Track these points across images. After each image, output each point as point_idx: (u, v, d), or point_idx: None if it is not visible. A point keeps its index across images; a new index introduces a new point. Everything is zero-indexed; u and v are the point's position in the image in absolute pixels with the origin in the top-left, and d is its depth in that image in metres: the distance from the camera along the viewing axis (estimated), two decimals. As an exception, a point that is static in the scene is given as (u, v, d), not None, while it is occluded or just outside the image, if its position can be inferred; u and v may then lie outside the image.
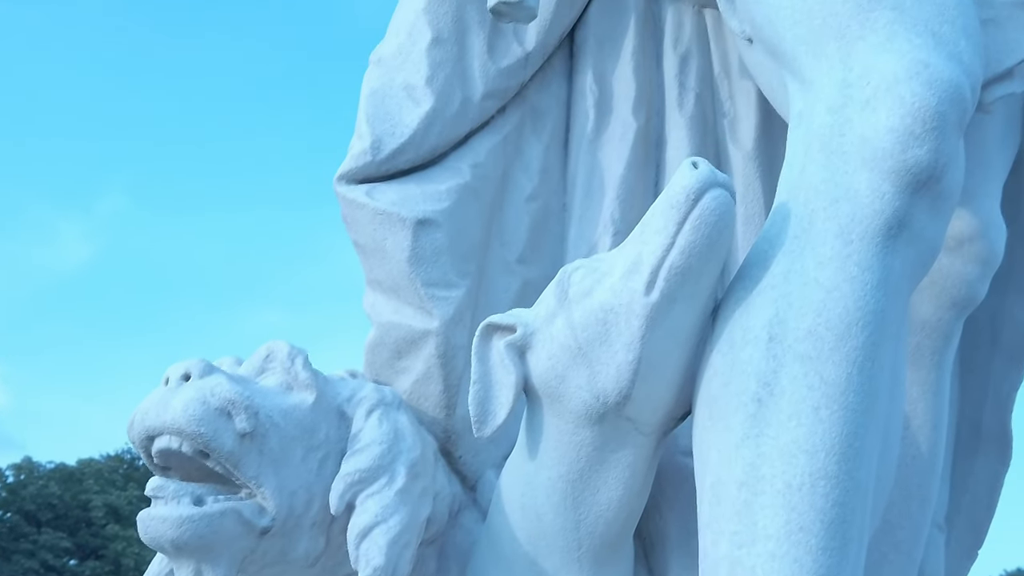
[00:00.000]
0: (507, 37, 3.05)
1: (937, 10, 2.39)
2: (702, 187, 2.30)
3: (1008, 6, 2.68)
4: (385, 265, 2.86)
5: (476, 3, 3.02)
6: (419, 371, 2.87)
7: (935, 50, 2.32)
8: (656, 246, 2.33)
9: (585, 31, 3.16)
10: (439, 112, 2.94)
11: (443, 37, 3.00)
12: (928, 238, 2.33)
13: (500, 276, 3.01)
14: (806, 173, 2.35)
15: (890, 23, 2.37)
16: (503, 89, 3.04)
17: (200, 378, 2.51)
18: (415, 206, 2.85)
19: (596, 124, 3.09)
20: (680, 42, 3.15)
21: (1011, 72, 2.68)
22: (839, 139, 2.32)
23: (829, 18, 2.42)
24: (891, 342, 2.29)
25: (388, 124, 2.91)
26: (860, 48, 2.36)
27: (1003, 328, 3.21)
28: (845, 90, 2.34)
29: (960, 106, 2.30)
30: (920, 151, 2.25)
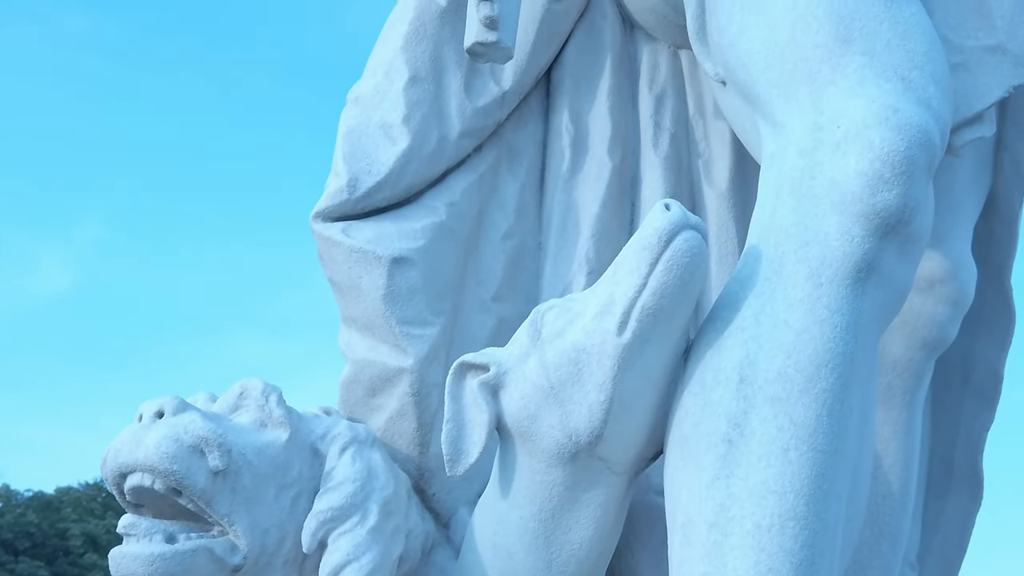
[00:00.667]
0: (484, 76, 3.08)
1: (907, 56, 2.42)
2: (674, 229, 2.33)
3: (978, 51, 2.72)
4: (360, 303, 2.88)
5: (453, 43, 3.05)
6: (393, 408, 2.88)
7: (905, 95, 2.36)
8: (628, 287, 2.35)
9: (562, 71, 3.19)
10: (416, 151, 2.97)
11: (420, 76, 3.02)
12: (897, 281, 2.36)
13: (475, 314, 3.03)
14: (777, 215, 2.38)
15: (860, 68, 2.40)
16: (480, 128, 3.07)
17: (173, 415, 2.51)
18: (390, 244, 2.87)
19: (572, 163, 3.12)
20: (656, 83, 3.18)
21: (981, 116, 2.72)
22: (810, 182, 2.34)
23: (800, 63, 2.45)
24: (861, 384, 2.31)
25: (365, 162, 2.93)
26: (831, 92, 2.39)
27: (974, 368, 3.24)
28: (816, 134, 2.37)
29: (929, 151, 2.33)
30: (889, 195, 2.28)
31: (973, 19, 2.73)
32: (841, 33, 2.44)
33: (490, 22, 2.71)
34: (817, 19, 2.46)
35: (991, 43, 2.72)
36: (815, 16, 2.46)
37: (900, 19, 2.46)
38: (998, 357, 3.25)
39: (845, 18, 2.45)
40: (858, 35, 2.43)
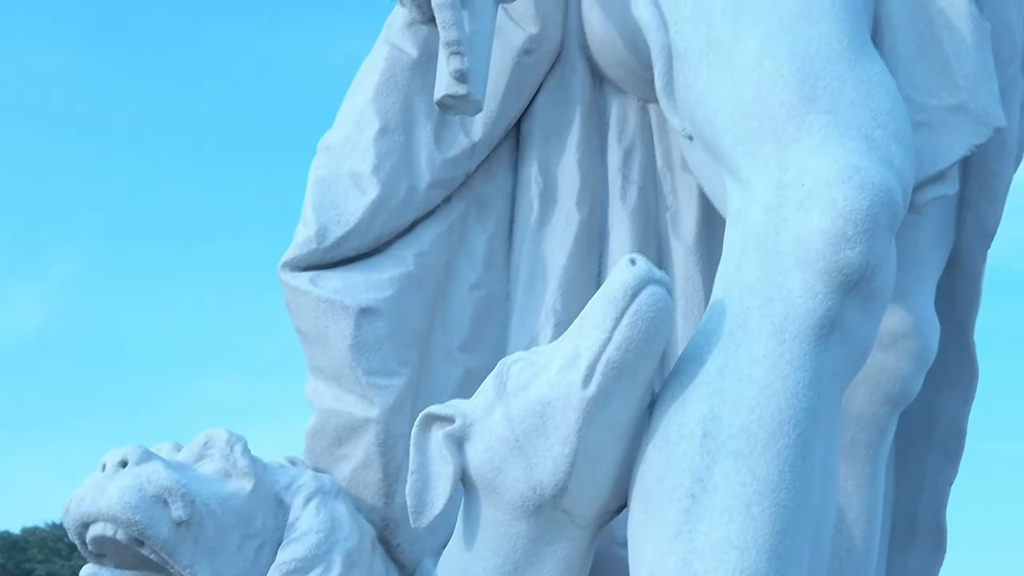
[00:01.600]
0: (454, 128, 3.10)
1: (870, 115, 2.46)
2: (640, 284, 2.35)
3: (941, 110, 2.76)
4: (327, 352, 2.88)
5: (424, 94, 3.07)
6: (359, 459, 2.88)
7: (868, 154, 2.39)
8: (594, 341, 2.36)
9: (531, 123, 3.21)
10: (385, 201, 2.98)
11: (391, 127, 3.04)
12: (860, 337, 2.38)
13: (442, 364, 3.04)
14: (742, 271, 2.40)
15: (825, 127, 2.43)
16: (449, 179, 3.09)
17: (137, 465, 2.51)
18: (358, 294, 2.88)
19: (540, 215, 3.14)
20: (624, 135, 3.21)
21: (944, 175, 2.76)
22: (774, 239, 2.37)
23: (766, 120, 2.48)
24: (823, 439, 2.33)
25: (334, 212, 2.95)
26: (795, 150, 2.42)
27: (937, 423, 3.26)
28: (780, 191, 2.40)
29: (891, 209, 2.36)
30: (852, 253, 2.31)
31: (936, 79, 2.77)
32: (806, 92, 2.47)
33: (460, 75, 2.73)
34: (782, 77, 2.49)
35: (954, 102, 2.76)
36: (780, 75, 2.50)
37: (864, 79, 2.50)
38: (961, 412, 3.28)
39: (810, 77, 2.49)
40: (822, 94, 2.47)
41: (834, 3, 2.58)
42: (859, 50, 2.54)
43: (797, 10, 2.57)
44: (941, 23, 2.77)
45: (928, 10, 2.78)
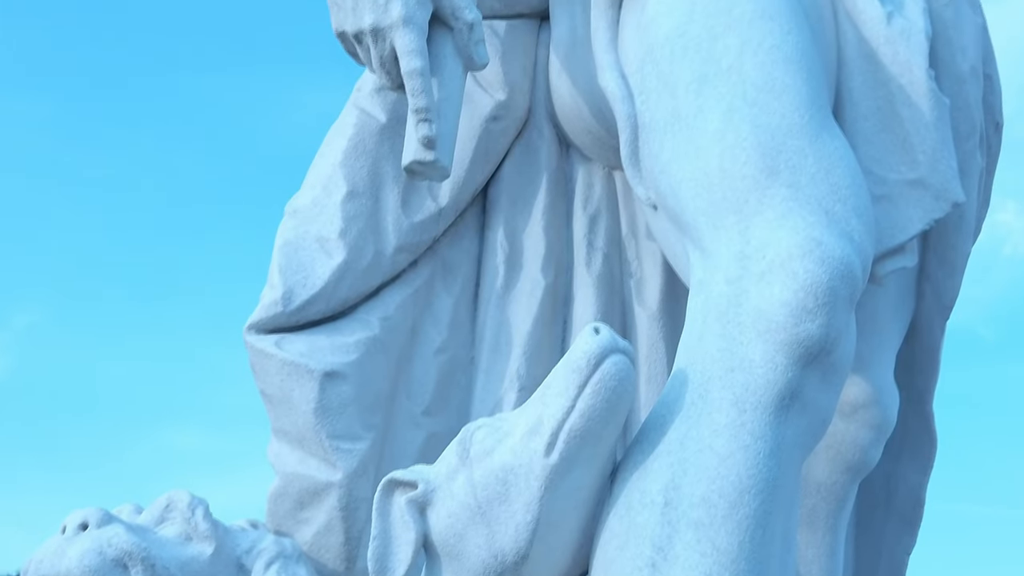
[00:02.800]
0: (421, 192, 3.13)
1: (831, 189, 2.50)
2: (603, 353, 2.37)
3: (900, 184, 2.81)
4: (291, 416, 2.89)
5: (392, 158, 3.10)
6: (321, 523, 2.88)
7: (828, 228, 2.43)
8: (557, 408, 2.38)
9: (498, 188, 3.25)
10: (351, 265, 3.00)
11: (358, 191, 3.07)
12: (820, 408, 2.41)
13: (405, 428, 3.04)
14: (704, 341, 2.43)
15: (786, 200, 2.47)
16: (415, 243, 3.11)
17: (98, 527, 2.50)
18: (323, 358, 2.89)
19: (505, 280, 3.16)
20: (590, 202, 3.24)
21: (903, 247, 2.80)
22: (736, 310, 2.40)
23: (729, 192, 2.52)
24: (783, 509, 2.35)
25: (300, 275, 2.96)
26: (757, 223, 2.46)
27: (897, 492, 3.29)
28: (742, 262, 2.43)
29: (851, 283, 2.39)
30: (812, 325, 2.34)
31: (896, 153, 2.82)
32: (768, 165, 2.51)
33: (428, 141, 2.76)
34: (745, 151, 2.54)
35: (913, 177, 2.81)
36: (743, 148, 2.54)
37: (824, 153, 2.54)
38: (920, 481, 3.31)
39: (772, 151, 2.53)
40: (784, 167, 2.51)
41: (796, 78, 2.63)
42: (820, 125, 2.59)
43: (760, 84, 2.62)
44: (901, 99, 2.82)
45: (888, 86, 2.83)
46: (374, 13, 2.76)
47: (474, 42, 2.83)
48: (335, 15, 2.85)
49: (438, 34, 2.83)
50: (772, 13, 2.71)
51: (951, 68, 2.96)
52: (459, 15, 2.80)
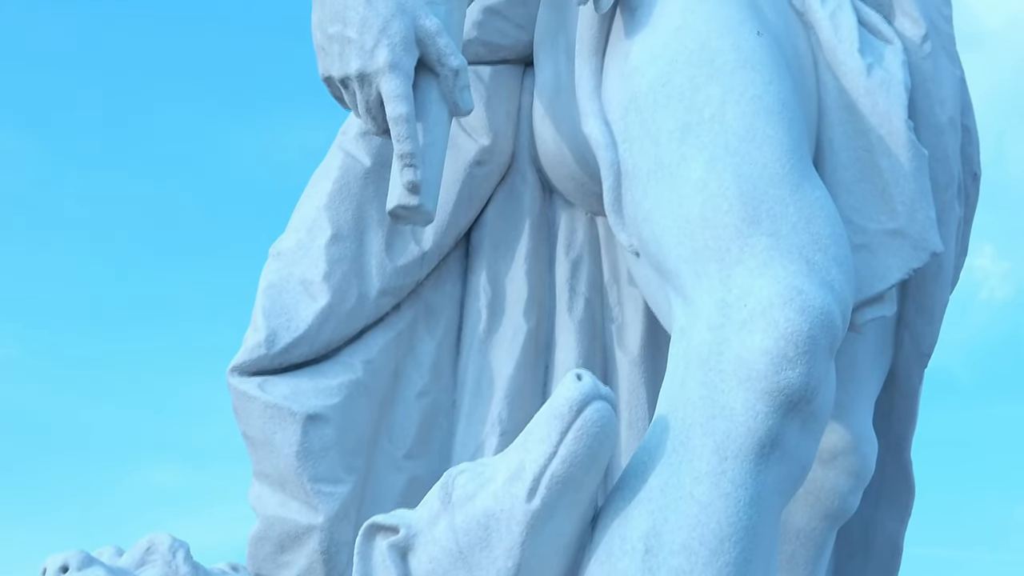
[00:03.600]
0: (405, 236, 3.14)
1: (812, 238, 2.53)
2: (585, 399, 2.38)
3: (880, 234, 2.84)
4: (273, 458, 2.89)
5: (376, 202, 3.12)
6: (301, 566, 2.88)
7: (808, 277, 2.45)
8: (539, 455, 2.39)
9: (481, 233, 3.27)
10: (335, 308, 3.01)
11: (343, 234, 3.08)
12: (800, 456, 2.43)
13: (387, 471, 3.05)
14: (685, 388, 2.45)
15: (767, 249, 2.50)
16: (399, 287, 3.12)
17: (78, 570, 2.50)
18: (306, 401, 2.90)
19: (488, 324, 3.18)
20: (572, 247, 3.27)
21: (882, 296, 2.83)
22: (717, 357, 2.42)
23: (711, 241, 2.55)
24: (763, 556, 2.37)
25: (284, 318, 2.97)
26: (739, 271, 2.49)
27: (875, 539, 3.31)
28: (724, 310, 2.46)
29: (831, 331, 2.42)
30: (792, 374, 2.36)
31: (875, 203, 2.86)
32: (749, 214, 2.54)
33: (413, 187, 2.77)
34: (727, 200, 2.56)
35: (892, 226, 2.84)
36: (725, 197, 2.57)
37: (805, 202, 2.57)
38: (898, 529, 3.33)
39: (753, 200, 2.56)
40: (765, 217, 2.54)
41: (778, 128, 2.66)
42: (801, 174, 2.62)
43: (742, 134, 2.65)
44: (880, 150, 2.86)
45: (868, 137, 2.87)
46: (361, 59, 2.78)
47: (459, 88, 2.85)
48: (322, 60, 2.86)
49: (424, 80, 2.85)
50: (754, 64, 2.75)
51: (930, 119, 3.01)
52: (445, 61, 2.82)
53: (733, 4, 2.87)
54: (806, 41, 2.98)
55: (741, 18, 2.84)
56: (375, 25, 2.77)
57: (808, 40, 2.98)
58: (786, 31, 2.94)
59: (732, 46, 2.77)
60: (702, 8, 2.86)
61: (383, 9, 2.77)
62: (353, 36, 2.78)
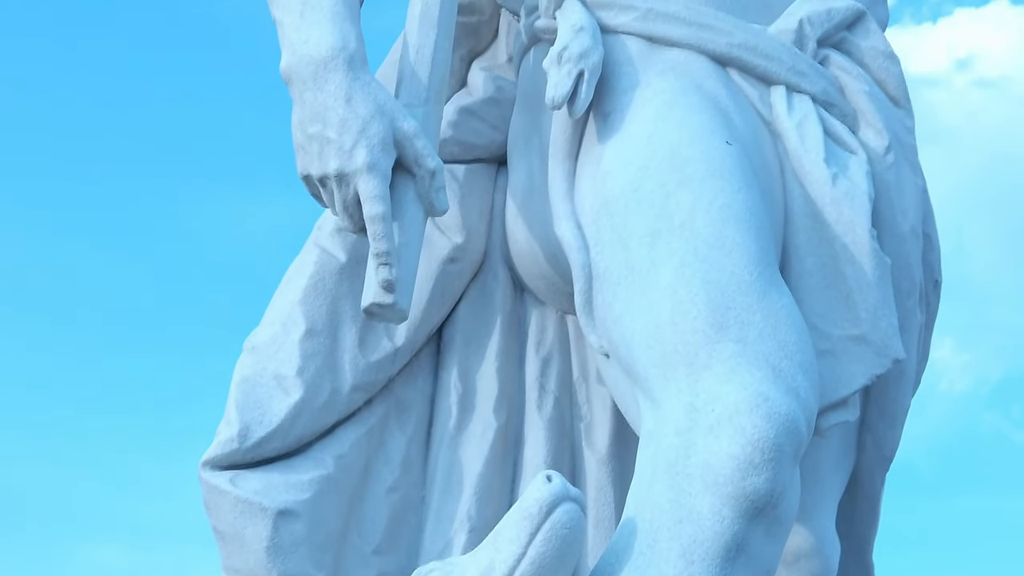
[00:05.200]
0: (378, 332, 3.18)
1: (778, 345, 2.59)
2: (554, 501, 2.42)
3: (844, 340, 2.91)
4: (242, 553, 2.90)
5: (351, 297, 3.16)
6: (269, 661, 2.87)
7: (775, 384, 2.52)
8: (508, 555, 2.42)
9: (453, 329, 3.31)
10: (307, 403, 3.04)
11: (317, 329, 3.12)
12: (765, 560, 2.47)
13: (356, 567, 3.06)
14: (653, 491, 2.49)
15: (735, 355, 2.56)
16: (371, 382, 3.16)
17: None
18: (277, 496, 2.92)
19: (458, 421, 3.21)
20: (543, 345, 3.32)
21: (846, 401, 2.90)
22: (685, 462, 2.47)
23: (680, 345, 2.61)
24: None
25: (257, 412, 3.00)
26: (707, 376, 2.54)
27: (839, 639, 3.33)
28: (692, 415, 2.51)
29: (796, 438, 2.48)
30: (758, 480, 2.41)
31: (840, 309, 2.93)
32: (717, 320, 2.61)
33: (388, 285, 2.82)
34: (696, 306, 2.63)
35: (856, 333, 2.91)
36: (694, 303, 2.63)
37: (772, 310, 2.64)
38: (861, 629, 3.36)
39: (721, 307, 2.62)
40: (733, 323, 2.60)
41: (746, 236, 2.73)
42: (768, 282, 2.69)
43: (711, 241, 2.72)
44: (845, 258, 2.94)
45: (833, 245, 2.95)
46: (339, 159, 2.83)
47: (435, 189, 2.91)
48: (301, 159, 2.92)
49: (400, 180, 2.91)
50: (723, 172, 2.83)
51: (893, 228, 3.09)
52: (421, 163, 2.88)
53: (703, 113, 2.95)
54: (773, 149, 3.06)
55: (711, 127, 2.92)
56: (354, 126, 2.83)
57: (776, 148, 3.06)
58: (754, 140, 3.02)
59: (702, 154, 2.85)
60: (673, 116, 2.94)
61: (362, 111, 2.84)
62: (333, 136, 2.84)
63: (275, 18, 3.02)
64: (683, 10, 3.11)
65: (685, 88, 3.00)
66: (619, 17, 3.11)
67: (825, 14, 3.19)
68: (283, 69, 2.94)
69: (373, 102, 2.85)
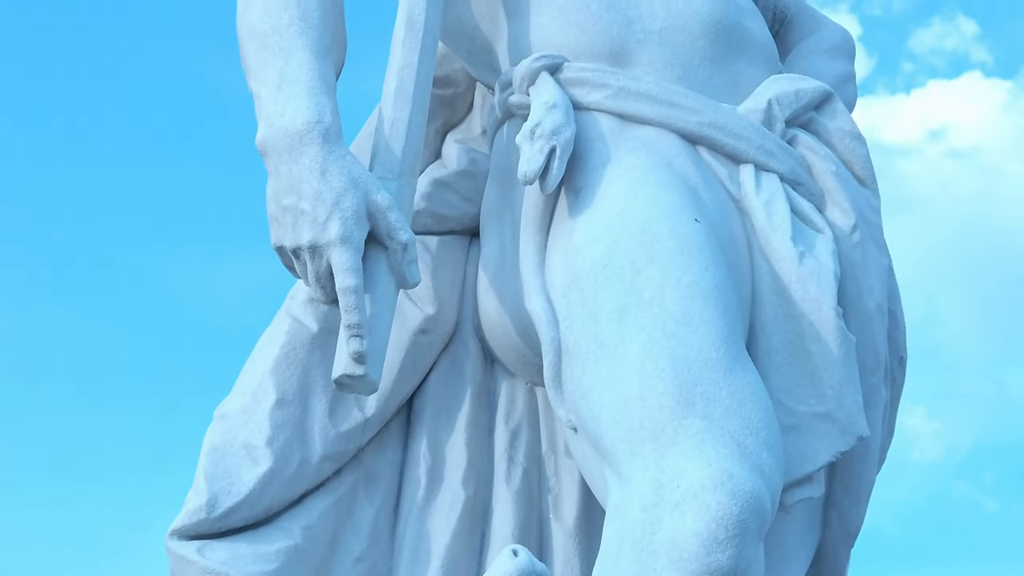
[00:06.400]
0: (348, 402, 3.20)
1: (743, 423, 2.62)
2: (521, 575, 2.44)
3: (809, 416, 2.94)
4: (209, 623, 2.90)
5: (322, 367, 3.18)
6: None
7: (739, 461, 2.54)
8: (473, 629, 2.43)
9: (423, 400, 3.33)
10: (276, 473, 3.05)
11: (287, 399, 3.13)
12: (728, 636, 2.48)
13: (323, 638, 3.05)
14: (619, 566, 2.51)
15: (700, 432, 2.59)
16: (341, 452, 3.17)
17: None
18: (244, 567, 2.92)
19: (427, 491, 3.22)
20: (512, 417, 3.34)
21: (811, 477, 2.92)
22: (650, 537, 2.49)
23: (646, 421, 2.63)
24: None
25: (225, 482, 3.00)
26: (672, 452, 2.57)
27: None
28: (658, 490, 2.53)
29: (760, 515, 2.50)
30: (722, 556, 2.44)
31: (805, 386, 2.96)
32: (684, 396, 2.64)
33: (359, 357, 2.83)
34: (663, 382, 2.66)
35: (821, 410, 2.94)
36: (661, 379, 2.66)
37: (738, 387, 2.67)
38: None
39: (688, 383, 2.65)
40: (699, 399, 2.63)
41: (713, 313, 2.77)
42: (734, 359, 2.73)
43: (679, 317, 2.75)
44: (811, 335, 2.97)
45: (799, 322, 2.99)
46: (313, 231, 2.86)
47: (407, 262, 2.94)
48: (274, 230, 2.94)
49: (373, 252, 2.93)
50: (692, 249, 2.87)
51: (858, 306, 3.13)
52: (394, 236, 2.91)
53: (673, 190, 3.00)
54: (742, 227, 3.11)
55: (680, 204, 2.97)
56: (328, 199, 2.86)
57: (744, 226, 3.11)
58: (723, 217, 3.07)
59: (671, 231, 2.89)
60: (643, 193, 2.98)
61: (337, 184, 2.87)
62: (307, 208, 2.87)
63: (252, 90, 3.06)
64: (654, 88, 3.16)
65: (655, 165, 3.05)
66: (591, 94, 3.16)
67: (793, 95, 3.26)
68: (259, 141, 2.97)
69: (347, 175, 2.88)
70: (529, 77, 3.19)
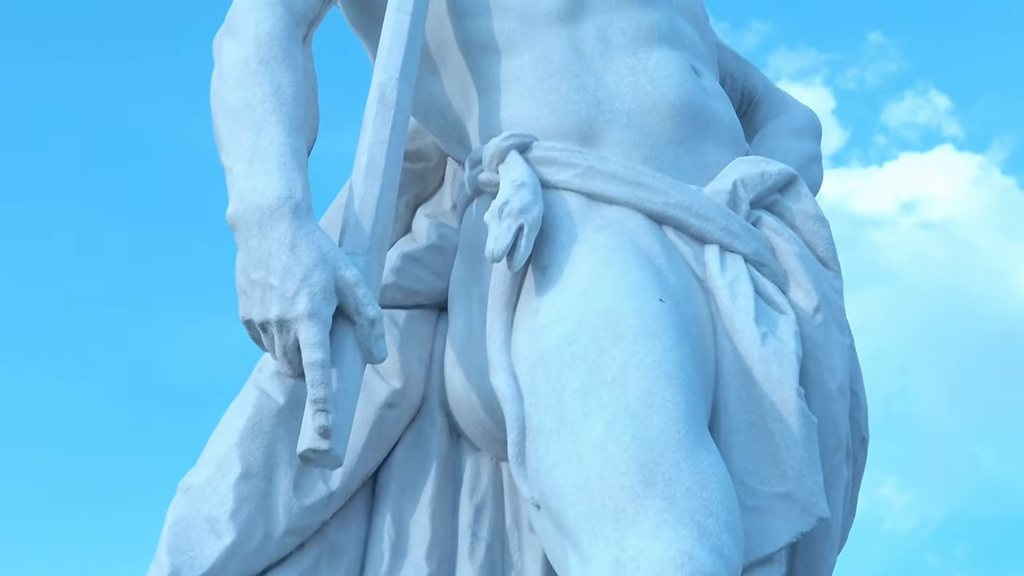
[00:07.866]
0: (313, 475, 3.20)
1: (704, 503, 2.64)
2: None
3: (770, 496, 2.96)
4: None
5: (288, 440, 3.18)
6: None
7: (700, 542, 2.56)
8: None
9: (388, 474, 3.33)
10: (239, 547, 3.05)
11: (252, 472, 3.14)
12: None
13: None
14: (579, 645, 2.51)
15: (660, 512, 2.61)
16: (304, 526, 3.17)
17: None
18: None
19: (390, 566, 3.22)
20: (476, 492, 3.35)
21: (771, 558, 2.94)
22: None
23: (607, 500, 2.65)
24: None
25: (188, 556, 3.00)
26: (633, 532, 2.59)
27: None
28: (618, 570, 2.55)
29: (720, 597, 2.51)
30: None
31: (766, 466, 2.98)
32: (645, 476, 2.66)
33: (324, 431, 2.84)
34: (624, 461, 2.68)
35: (782, 490, 2.96)
36: (623, 458, 2.68)
37: (699, 468, 2.70)
38: None
39: (649, 463, 2.68)
40: (660, 480, 2.65)
41: (676, 393, 2.80)
42: (696, 440, 2.75)
43: (642, 397, 2.78)
44: (772, 415, 3.00)
45: (761, 402, 3.02)
46: (281, 305, 2.88)
47: (375, 337, 2.96)
48: (243, 303, 2.96)
49: (340, 327, 2.95)
50: (655, 330, 2.90)
51: (820, 387, 3.16)
52: (362, 311, 2.93)
53: (639, 270, 3.04)
54: (706, 306, 3.14)
55: (645, 284, 3.00)
56: (297, 274, 2.88)
57: (708, 306, 3.14)
58: (687, 297, 3.10)
59: (635, 311, 2.92)
60: (608, 273, 3.02)
61: (305, 259, 2.90)
62: (275, 283, 2.89)
63: (224, 165, 3.09)
64: (622, 169, 3.21)
65: (622, 245, 3.09)
66: (560, 174, 3.21)
67: (758, 177, 3.31)
68: (230, 216, 3.00)
69: (316, 251, 2.91)
70: (499, 155, 3.23)
